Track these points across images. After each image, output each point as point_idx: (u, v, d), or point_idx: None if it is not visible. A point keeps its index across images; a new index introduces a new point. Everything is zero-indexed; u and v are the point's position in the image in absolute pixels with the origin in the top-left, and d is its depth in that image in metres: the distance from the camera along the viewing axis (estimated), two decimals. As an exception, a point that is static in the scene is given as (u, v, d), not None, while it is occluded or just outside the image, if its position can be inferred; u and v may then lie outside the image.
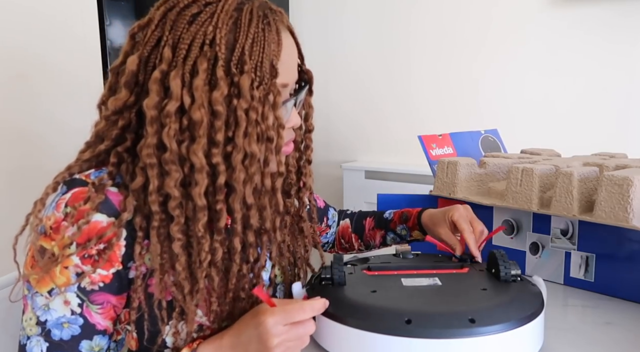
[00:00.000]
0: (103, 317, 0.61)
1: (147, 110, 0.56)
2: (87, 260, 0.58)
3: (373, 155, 2.13)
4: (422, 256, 0.80)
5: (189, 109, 0.56)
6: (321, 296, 0.64)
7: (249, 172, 0.59)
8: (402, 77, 2.01)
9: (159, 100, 0.56)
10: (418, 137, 1.14)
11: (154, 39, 0.58)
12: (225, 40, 0.57)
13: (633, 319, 0.75)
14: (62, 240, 0.58)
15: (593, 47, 1.64)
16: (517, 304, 0.61)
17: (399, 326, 0.56)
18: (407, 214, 0.94)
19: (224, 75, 0.56)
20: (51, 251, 0.58)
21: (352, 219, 1.03)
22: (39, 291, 0.59)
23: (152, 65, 0.58)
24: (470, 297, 0.63)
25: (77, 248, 0.58)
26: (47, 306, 0.59)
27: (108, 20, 1.46)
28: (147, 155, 0.57)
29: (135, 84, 0.59)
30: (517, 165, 0.89)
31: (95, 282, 0.59)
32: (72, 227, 0.58)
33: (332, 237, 1.04)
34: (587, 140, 1.64)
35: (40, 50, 1.29)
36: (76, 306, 0.59)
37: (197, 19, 0.57)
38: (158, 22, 0.59)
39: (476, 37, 1.84)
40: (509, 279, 0.66)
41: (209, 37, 0.57)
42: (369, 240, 1.00)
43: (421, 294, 0.64)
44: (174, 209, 0.57)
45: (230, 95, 0.57)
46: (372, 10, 2.04)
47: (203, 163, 0.57)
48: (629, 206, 0.74)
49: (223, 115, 0.57)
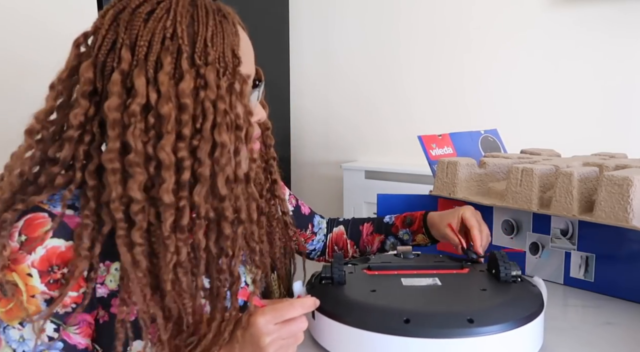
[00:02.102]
0: (82, 336, 0.60)
1: (109, 112, 0.54)
2: (54, 285, 0.57)
3: (373, 155, 2.13)
4: (422, 256, 0.80)
5: (155, 105, 0.55)
6: (321, 295, 0.64)
7: (220, 163, 0.57)
8: (402, 77, 2.01)
9: (120, 102, 0.55)
10: (418, 138, 1.14)
11: (109, 42, 0.57)
12: (187, 33, 0.56)
13: (633, 319, 0.75)
14: (23, 269, 0.56)
15: (593, 47, 1.64)
16: (517, 304, 0.60)
17: (398, 325, 0.56)
18: (410, 217, 0.94)
19: (189, 68, 0.56)
20: (13, 281, 0.56)
21: (347, 225, 1.02)
22: (10, 324, 0.57)
23: (109, 69, 0.56)
24: (469, 298, 0.63)
25: (40, 276, 0.56)
26: (22, 337, 0.57)
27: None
28: (109, 160, 0.55)
29: (94, 93, 0.57)
30: (517, 165, 0.89)
31: (67, 305, 0.58)
32: (30, 256, 0.56)
33: (319, 245, 1.02)
34: (587, 140, 1.64)
35: (40, 51, 1.29)
36: (52, 331, 0.58)
37: (153, 16, 0.57)
38: (109, 25, 0.57)
39: (476, 38, 1.84)
40: (509, 279, 0.66)
41: (169, 31, 0.56)
42: (365, 245, 0.99)
43: (420, 294, 0.64)
44: (137, 213, 0.55)
45: (197, 88, 0.56)
46: (371, 12, 2.04)
47: (171, 159, 0.55)
48: (628, 206, 0.74)
49: (190, 108, 0.55)
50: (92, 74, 0.57)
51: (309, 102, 2.23)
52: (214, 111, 0.57)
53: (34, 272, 0.56)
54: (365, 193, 1.94)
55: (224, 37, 0.59)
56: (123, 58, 0.55)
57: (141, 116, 0.55)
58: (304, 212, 0.99)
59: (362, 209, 1.97)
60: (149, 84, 0.55)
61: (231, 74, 0.59)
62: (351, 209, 2.01)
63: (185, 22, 0.57)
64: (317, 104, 2.21)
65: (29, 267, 0.56)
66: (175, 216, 0.57)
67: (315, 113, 2.21)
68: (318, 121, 2.22)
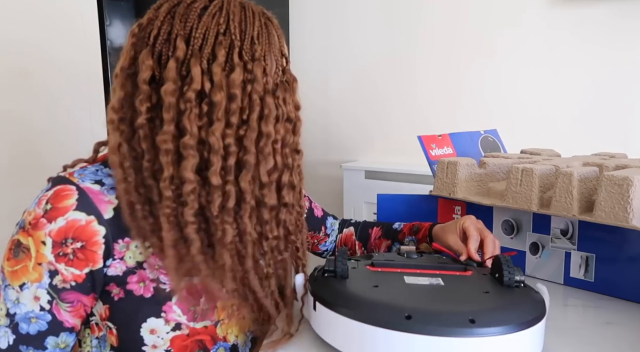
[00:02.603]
0: (72, 315, 0.62)
1: (165, 97, 0.58)
2: (62, 258, 0.60)
3: (373, 155, 2.13)
4: (426, 257, 0.80)
5: (209, 93, 0.59)
6: (323, 288, 0.65)
7: (264, 152, 0.62)
8: (402, 78, 2.01)
9: (175, 87, 0.59)
10: (418, 138, 1.14)
11: (164, 33, 0.61)
12: (238, 30, 0.61)
13: (633, 319, 0.75)
14: (39, 236, 0.59)
15: (593, 47, 1.64)
16: (519, 308, 0.60)
17: (399, 321, 0.56)
18: (418, 226, 0.95)
19: (239, 61, 0.60)
20: (27, 245, 0.59)
21: (357, 227, 1.04)
22: (11, 284, 0.60)
23: (165, 58, 0.60)
24: (471, 299, 0.63)
25: (53, 246, 0.59)
26: (17, 299, 0.60)
27: (108, 20, 1.46)
28: (163, 141, 0.59)
29: (152, 79, 0.61)
30: (517, 165, 0.89)
31: (67, 281, 0.61)
32: (49, 224, 0.59)
33: (331, 246, 1.04)
34: (587, 140, 1.64)
35: (40, 51, 1.29)
36: (45, 302, 0.60)
37: (207, 12, 0.61)
38: (164, 18, 0.61)
39: (476, 38, 1.84)
40: (512, 284, 0.66)
41: (222, 27, 0.61)
42: (372, 249, 1.00)
43: (423, 292, 0.64)
44: (189, 193, 0.59)
45: (245, 81, 0.60)
46: (371, 13, 2.04)
47: (220, 144, 0.59)
48: (628, 206, 0.74)
49: (239, 99, 0.60)
50: (151, 61, 0.60)
51: (309, 102, 2.23)
52: (261, 104, 0.61)
53: (49, 241, 0.59)
54: (365, 193, 1.94)
55: (269, 36, 0.64)
56: (178, 47, 0.59)
57: (196, 102, 0.59)
58: (317, 215, 1.01)
59: (362, 209, 1.97)
60: (203, 73, 0.59)
61: (282, 72, 0.65)
62: (351, 209, 2.01)
63: (237, 19, 0.62)
64: (317, 104, 2.21)
65: (46, 235, 0.59)
66: (222, 198, 0.61)
67: (315, 113, 2.21)
68: (318, 121, 2.22)
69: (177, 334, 0.65)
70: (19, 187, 1.23)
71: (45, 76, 1.29)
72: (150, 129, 0.60)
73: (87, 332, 0.68)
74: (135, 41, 0.62)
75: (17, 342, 0.60)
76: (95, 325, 0.67)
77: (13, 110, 1.24)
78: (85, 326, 0.68)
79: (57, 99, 1.33)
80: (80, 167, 0.66)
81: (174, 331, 0.65)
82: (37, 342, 0.61)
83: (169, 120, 0.59)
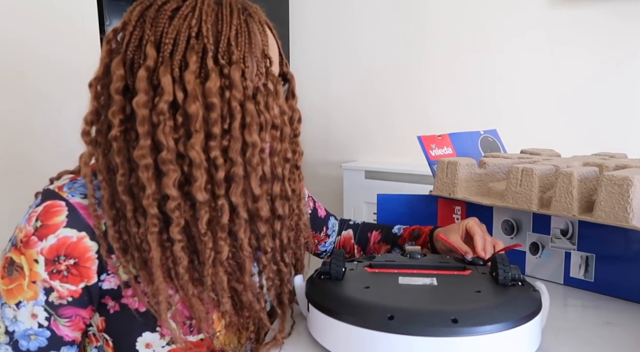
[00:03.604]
0: (71, 329, 0.61)
1: (137, 109, 0.55)
2: (56, 275, 0.58)
3: (373, 155, 2.13)
4: (429, 257, 0.79)
5: (183, 104, 0.55)
6: (317, 290, 0.66)
7: (252, 163, 0.58)
8: (402, 78, 2.01)
9: (148, 98, 0.55)
10: (417, 138, 1.14)
11: (135, 39, 0.57)
12: (212, 32, 0.56)
13: (633, 319, 0.75)
14: (31, 255, 0.57)
15: (593, 47, 1.64)
16: (507, 307, 0.59)
17: (382, 321, 0.56)
18: (418, 231, 0.94)
19: (214, 66, 0.56)
20: (20, 264, 0.58)
21: (356, 230, 1.02)
22: (8, 302, 0.59)
23: (137, 66, 0.57)
24: (460, 298, 0.62)
25: (46, 263, 0.57)
26: (15, 317, 0.59)
27: (108, 20, 1.46)
28: (142, 156, 0.55)
29: (126, 89, 0.57)
30: (517, 165, 0.89)
31: (63, 297, 0.59)
32: (41, 242, 0.57)
33: (330, 247, 1.03)
34: (587, 140, 1.64)
35: (40, 51, 1.29)
36: (43, 319, 0.59)
37: (178, 14, 0.57)
38: (136, 22, 0.57)
39: (475, 38, 1.84)
40: (508, 283, 0.66)
41: (194, 29, 0.56)
42: (372, 253, 0.99)
43: (412, 293, 0.64)
44: (173, 210, 0.56)
45: (222, 87, 0.56)
46: (371, 13, 2.04)
47: (202, 158, 0.55)
48: (628, 206, 0.74)
49: (218, 108, 0.56)
50: (122, 71, 0.57)
51: (309, 102, 2.23)
52: (242, 111, 0.57)
53: (41, 259, 0.58)
54: (365, 193, 1.94)
55: (249, 36, 0.58)
56: (148, 55, 0.55)
57: (169, 114, 0.55)
58: (320, 215, 0.99)
59: (362, 209, 1.97)
60: (175, 82, 0.55)
61: (263, 74, 0.59)
62: (351, 209, 2.01)
63: (210, 20, 0.57)
64: (317, 104, 2.21)
65: (38, 253, 0.57)
66: (212, 214, 0.58)
67: (315, 113, 2.21)
68: (318, 121, 2.22)
69: (173, 347, 0.64)
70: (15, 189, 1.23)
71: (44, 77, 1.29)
72: (126, 141, 0.57)
73: (87, 341, 0.68)
74: (109, 48, 0.59)
75: None
76: (93, 335, 0.66)
77: (11, 111, 1.23)
78: (84, 336, 0.67)
79: (55, 101, 1.33)
80: (69, 180, 0.63)
81: (169, 345, 0.64)
82: None
83: (144, 133, 0.55)
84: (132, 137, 0.57)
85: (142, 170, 0.55)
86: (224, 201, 0.57)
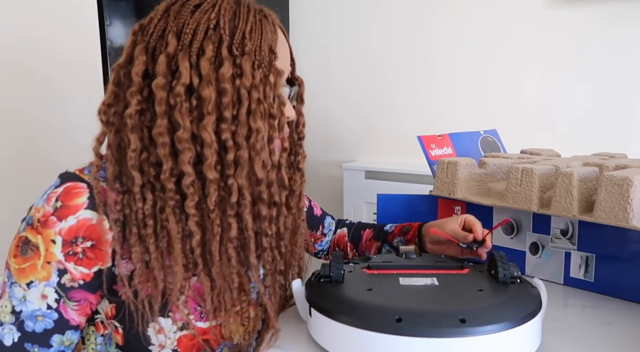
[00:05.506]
0: (78, 313, 0.62)
1: (156, 90, 0.59)
2: (71, 257, 0.59)
3: (373, 155, 2.13)
4: (424, 257, 0.80)
5: (197, 88, 0.59)
6: (318, 293, 0.65)
7: (255, 148, 0.62)
8: (402, 78, 2.01)
9: (166, 82, 0.60)
10: (417, 138, 1.14)
11: (159, 30, 0.62)
12: (228, 25, 0.62)
13: (633, 319, 0.75)
14: (48, 235, 0.58)
15: (593, 47, 1.64)
16: (511, 306, 0.60)
17: (390, 323, 0.56)
18: (408, 227, 0.95)
19: (228, 55, 0.60)
20: (35, 243, 0.59)
21: (350, 228, 1.04)
22: (18, 282, 0.60)
23: (158, 53, 0.61)
24: (464, 298, 0.62)
25: (63, 244, 0.58)
26: (24, 297, 0.60)
27: (108, 20, 1.46)
28: (159, 134, 0.59)
29: (145, 74, 0.61)
30: (517, 165, 0.89)
31: (75, 280, 0.60)
32: (60, 223, 0.59)
33: (326, 246, 1.04)
34: (587, 140, 1.64)
35: (39, 51, 1.29)
36: (53, 301, 0.60)
37: (200, 9, 0.62)
38: (161, 15, 0.63)
39: (475, 38, 1.84)
40: (508, 280, 0.66)
41: (213, 22, 0.61)
42: (364, 250, 1.00)
43: (416, 293, 0.64)
44: (188, 186, 0.59)
45: (234, 75, 0.61)
46: (370, 13, 2.04)
47: (213, 139, 0.60)
48: (628, 206, 0.74)
49: (229, 93, 0.60)
50: (145, 57, 0.61)
51: (309, 102, 2.22)
52: (249, 98, 0.61)
53: (59, 240, 0.59)
54: (365, 193, 1.94)
55: (261, 32, 0.64)
56: (169, 43, 0.60)
57: (185, 97, 0.60)
58: (316, 213, 1.01)
59: (362, 209, 1.97)
60: (191, 67, 0.60)
61: (267, 67, 0.64)
62: (351, 209, 2.01)
63: (228, 15, 0.62)
64: (317, 104, 2.21)
65: (56, 234, 0.59)
66: (220, 193, 0.61)
67: (315, 113, 2.21)
68: (318, 121, 2.22)
69: (184, 333, 0.65)
70: (18, 185, 1.23)
71: (44, 76, 1.29)
72: (140, 121, 0.61)
73: (92, 329, 0.68)
74: (134, 39, 0.64)
75: (22, 339, 0.60)
76: (101, 323, 0.67)
77: (12, 110, 1.24)
78: (90, 324, 0.68)
79: (56, 99, 1.33)
80: (89, 164, 0.66)
81: (181, 330, 0.65)
82: (43, 340, 0.61)
83: (161, 113, 0.59)
84: (147, 117, 0.61)
85: (160, 147, 0.59)
86: (233, 180, 0.61)
